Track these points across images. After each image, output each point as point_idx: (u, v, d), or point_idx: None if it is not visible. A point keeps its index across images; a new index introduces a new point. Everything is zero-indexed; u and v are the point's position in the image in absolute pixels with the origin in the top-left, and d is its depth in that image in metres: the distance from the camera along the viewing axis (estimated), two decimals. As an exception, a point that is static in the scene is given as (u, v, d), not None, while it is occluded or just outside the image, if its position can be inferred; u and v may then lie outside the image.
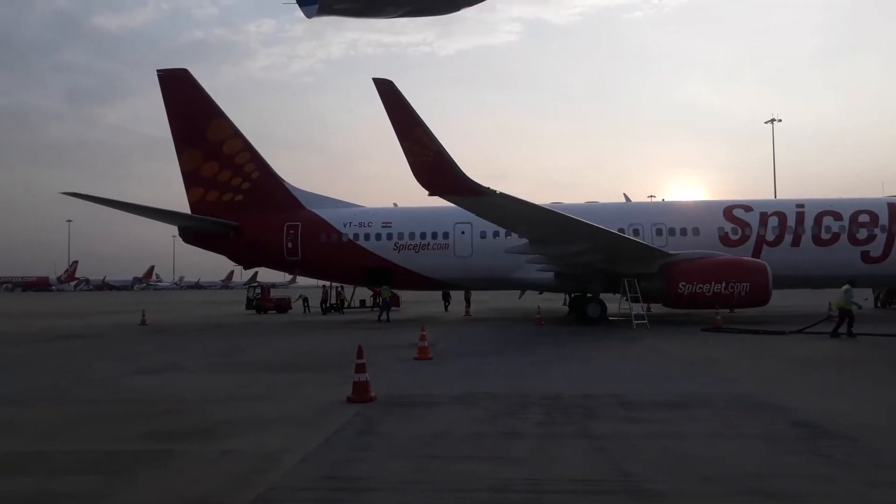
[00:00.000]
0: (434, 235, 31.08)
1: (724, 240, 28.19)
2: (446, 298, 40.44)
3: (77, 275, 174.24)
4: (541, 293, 35.08)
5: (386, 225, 31.89)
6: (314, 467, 6.53)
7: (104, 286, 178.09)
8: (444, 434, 7.83)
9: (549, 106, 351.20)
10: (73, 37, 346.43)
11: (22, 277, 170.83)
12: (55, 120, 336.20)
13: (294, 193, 33.80)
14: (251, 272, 56.81)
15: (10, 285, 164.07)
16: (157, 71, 33.91)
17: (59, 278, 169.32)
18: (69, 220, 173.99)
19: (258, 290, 45.42)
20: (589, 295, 27.43)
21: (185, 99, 33.50)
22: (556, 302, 39.01)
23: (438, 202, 22.70)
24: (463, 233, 30.51)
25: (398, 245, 31.32)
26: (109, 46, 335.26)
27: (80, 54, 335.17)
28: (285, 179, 34.28)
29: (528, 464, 6.53)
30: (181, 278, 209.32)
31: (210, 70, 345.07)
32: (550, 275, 27.89)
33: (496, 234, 29.60)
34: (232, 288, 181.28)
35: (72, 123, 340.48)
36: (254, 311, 42.12)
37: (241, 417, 9.03)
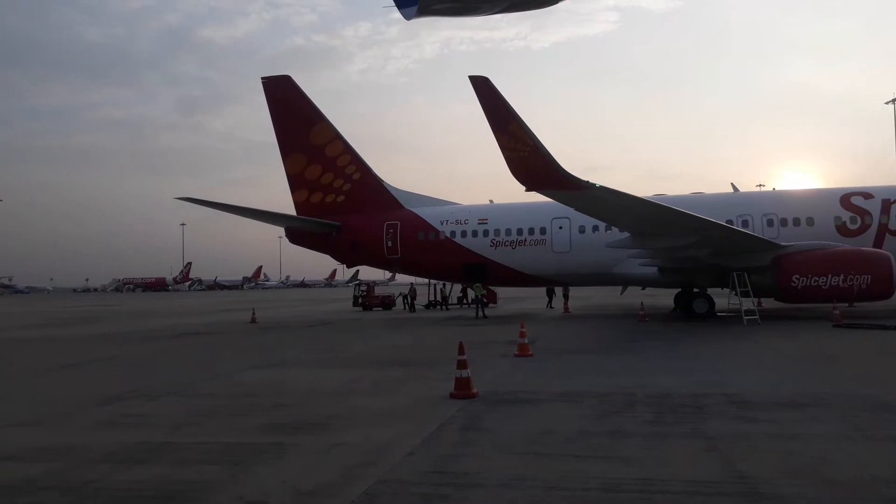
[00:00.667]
0: (531, 231, 30.89)
1: (842, 230, 26.51)
2: (550, 294, 39.74)
3: (191, 276, 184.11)
4: (644, 288, 34.19)
5: (482, 222, 31.97)
6: (421, 461, 6.63)
7: (216, 286, 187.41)
8: (549, 432, 7.76)
9: (648, 95, 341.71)
10: (183, 50, 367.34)
11: (142, 279, 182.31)
12: (168, 129, 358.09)
13: (393, 193, 34.46)
14: (353, 271, 58.38)
15: (132, 286, 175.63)
16: (262, 78, 35.31)
17: (174, 279, 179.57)
18: (183, 224, 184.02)
19: (364, 289, 46.53)
20: (695, 290, 26.51)
21: (288, 104, 34.77)
22: (661, 298, 37.90)
23: (535, 197, 22.55)
24: (561, 228, 30.15)
25: (495, 241, 31.32)
26: (216, 57, 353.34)
27: (189, 66, 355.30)
28: (384, 179, 35.00)
29: (639, 463, 6.38)
30: (287, 277, 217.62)
31: (310, 75, 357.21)
32: (654, 269, 27.11)
33: (595, 228, 29.08)
34: (335, 286, 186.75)
35: (183, 132, 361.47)
36: (360, 309, 43.13)
37: (350, 411, 9.29)
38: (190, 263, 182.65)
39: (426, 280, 42.50)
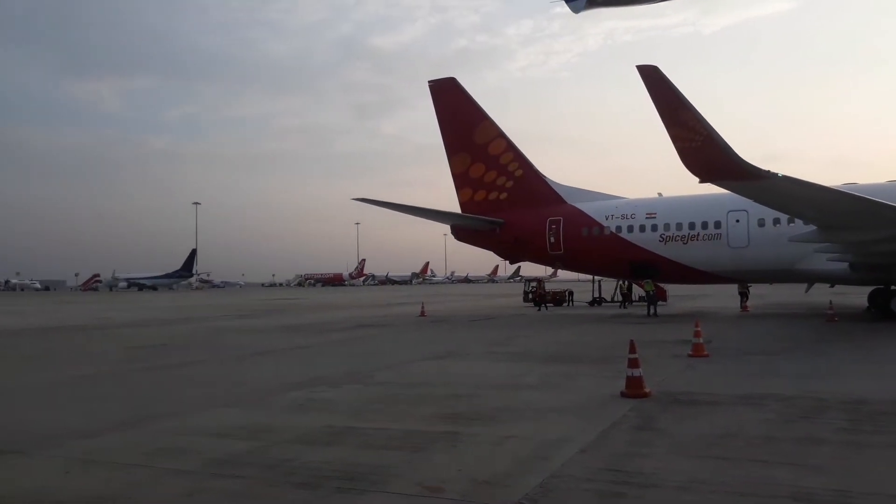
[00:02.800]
0: (704, 225, 29.40)
1: None
2: (744, 293, 33.99)
3: (365, 271, 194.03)
4: (832, 286, 31.41)
5: (650, 216, 30.88)
6: (594, 458, 6.57)
7: (387, 281, 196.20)
8: (731, 435, 7.39)
9: (833, 77, 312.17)
10: (355, 58, 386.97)
11: (321, 274, 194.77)
12: (343, 134, 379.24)
13: (555, 188, 34.22)
14: (515, 267, 58.71)
15: (313, 281, 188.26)
16: (429, 82, 36.45)
17: (350, 275, 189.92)
18: (357, 223, 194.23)
19: (534, 284, 46.46)
20: (893, 287, 23.94)
21: (453, 106, 35.62)
22: (852, 296, 34.58)
23: (708, 190, 21.44)
24: (738, 221, 28.42)
25: (664, 237, 30.14)
26: (386, 63, 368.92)
27: (361, 73, 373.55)
28: (546, 175, 34.85)
29: (833, 473, 5.91)
30: (452, 273, 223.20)
31: (473, 75, 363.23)
32: (844, 265, 24.76)
33: (776, 221, 27.13)
34: (497, 282, 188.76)
35: (357, 136, 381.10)
36: (532, 304, 43.12)
37: (519, 405, 9.40)
38: (364, 260, 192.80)
39: (590, 277, 41.76)
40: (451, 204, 36.59)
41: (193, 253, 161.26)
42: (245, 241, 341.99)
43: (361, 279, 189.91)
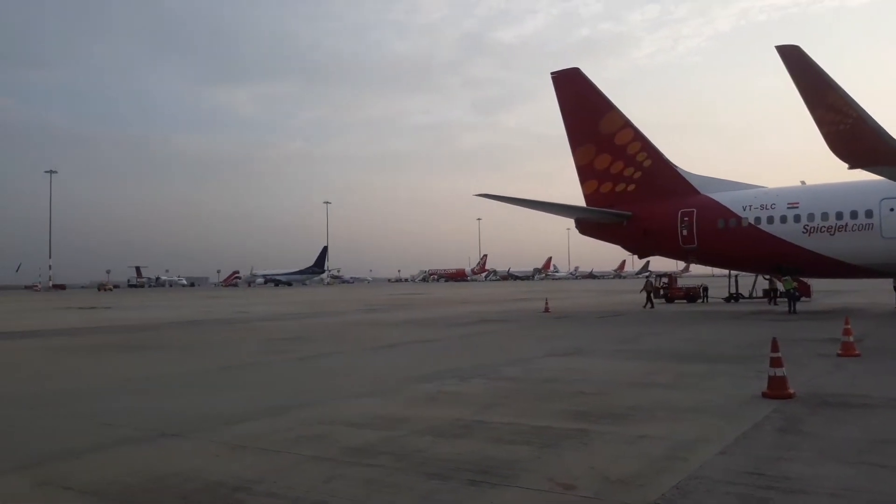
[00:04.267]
0: (853, 214, 27.24)
1: None
2: None
3: (487, 266, 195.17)
4: None
5: (792, 206, 28.98)
6: (735, 461, 6.26)
7: (509, 276, 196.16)
8: (889, 441, 6.82)
9: None
10: (478, 53, 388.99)
11: (444, 270, 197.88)
12: (467, 129, 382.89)
13: (687, 178, 32.87)
14: (643, 261, 56.93)
15: (436, 276, 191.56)
16: (552, 73, 36.06)
17: (472, 270, 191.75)
18: (479, 219, 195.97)
19: (665, 280, 44.97)
20: None
21: (577, 96, 35.03)
22: None
23: (858, 176, 19.86)
24: (892, 210, 26.15)
25: (808, 227, 28.20)
26: (507, 56, 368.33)
27: (484, 68, 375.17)
28: (677, 165, 33.55)
29: None
30: (576, 268, 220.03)
31: (597, 65, 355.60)
32: None
33: (939, 209, 24.71)
34: (624, 277, 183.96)
35: (480, 131, 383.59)
36: (663, 301, 41.80)
37: (652, 404, 9.11)
38: (486, 255, 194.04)
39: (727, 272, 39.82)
40: (575, 197, 36.10)
41: (325, 250, 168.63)
42: (373, 238, 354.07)
43: (483, 275, 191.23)
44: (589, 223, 35.25)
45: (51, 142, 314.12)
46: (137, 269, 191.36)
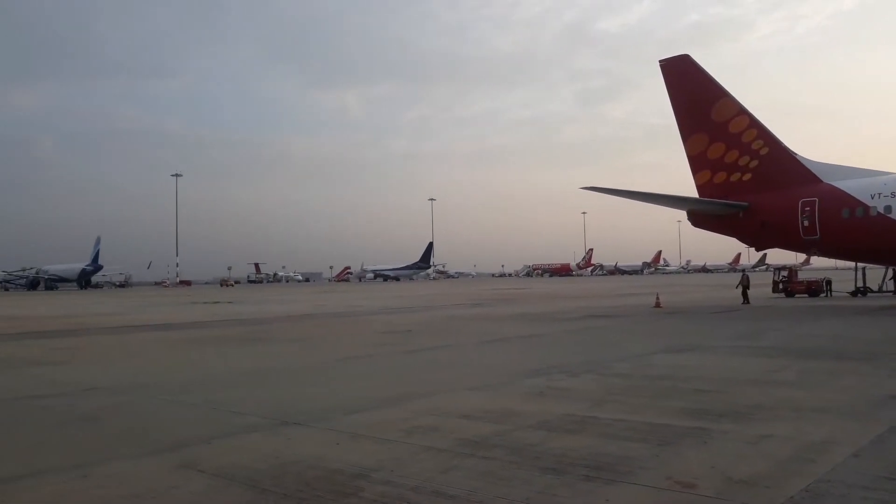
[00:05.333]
0: None
1: None
2: None
3: (592, 261, 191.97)
4: None
5: (930, 192, 26.75)
6: (871, 464, 5.89)
7: (616, 271, 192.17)
8: None
9: None
10: (581, 44, 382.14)
11: (549, 264, 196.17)
12: (570, 122, 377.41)
13: (808, 166, 30.99)
14: (761, 254, 54.20)
15: (541, 271, 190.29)
16: (660, 61, 34.92)
17: (577, 265, 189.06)
18: (584, 212, 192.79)
19: (785, 273, 42.68)
20: None
21: (687, 84, 33.78)
22: None
23: None
24: None
25: (949, 215, 25.95)
26: (612, 46, 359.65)
27: (587, 59, 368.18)
28: (797, 152, 31.71)
29: None
30: (688, 262, 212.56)
31: (708, 51, 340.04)
32: None
33: None
34: (739, 271, 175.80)
35: (584, 123, 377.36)
36: (782, 295, 39.71)
37: (775, 402, 8.69)
38: (591, 249, 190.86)
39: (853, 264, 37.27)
40: (686, 188, 34.85)
41: (430, 246, 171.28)
42: (477, 233, 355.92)
43: (589, 269, 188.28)
44: (702, 215, 33.94)
45: (173, 147, 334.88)
46: (256, 265, 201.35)
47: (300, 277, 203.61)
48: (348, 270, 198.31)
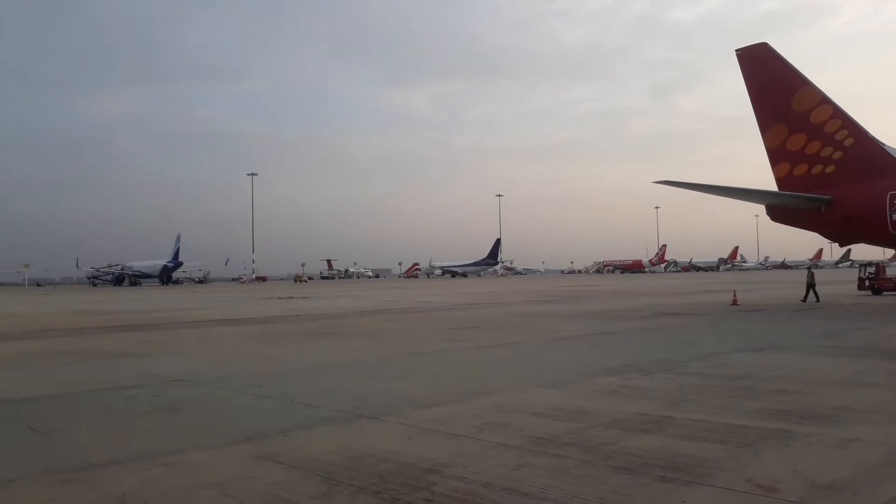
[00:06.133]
0: None
1: None
2: None
3: (666, 257, 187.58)
4: None
5: None
6: (971, 474, 5.55)
7: (690, 267, 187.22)
8: None
9: None
10: (652, 35, 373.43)
11: (620, 261, 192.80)
12: (640, 115, 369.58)
13: (897, 157, 29.41)
14: (844, 250, 51.73)
15: (611, 268, 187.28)
16: (736, 50, 33.79)
17: (650, 261, 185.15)
18: (657, 207, 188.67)
19: (872, 270, 40.59)
20: None
21: (766, 73, 32.57)
22: None
23: None
24: None
25: None
26: (684, 37, 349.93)
27: (658, 50, 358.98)
28: (885, 143, 30.12)
29: None
30: (766, 258, 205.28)
31: (786, 38, 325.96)
32: None
33: None
34: (821, 267, 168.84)
35: (654, 116, 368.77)
36: (868, 293, 37.81)
37: (863, 405, 8.31)
38: (665, 245, 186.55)
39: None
40: (764, 182, 33.63)
41: (498, 242, 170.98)
42: (545, 229, 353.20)
43: (662, 265, 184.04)
44: (782, 209, 32.66)
45: (249, 146, 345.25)
46: (328, 261, 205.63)
47: (370, 274, 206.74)
48: (417, 267, 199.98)
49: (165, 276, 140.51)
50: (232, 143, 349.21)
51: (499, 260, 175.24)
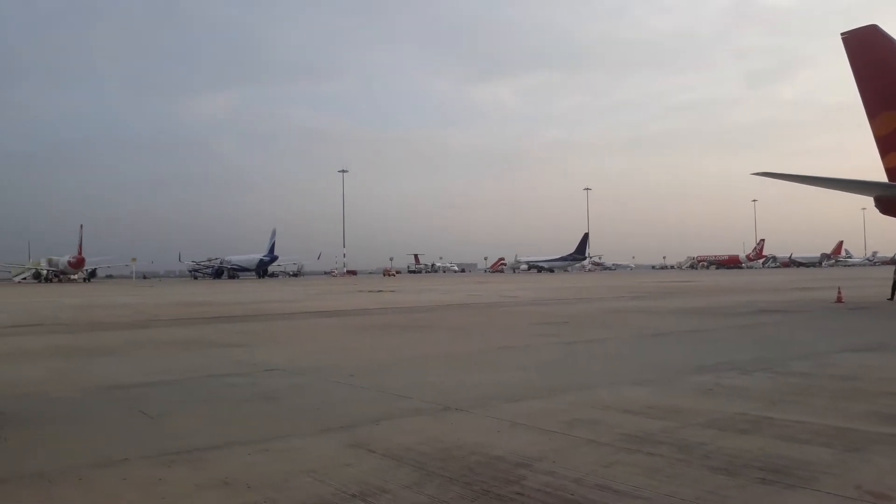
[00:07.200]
0: None
1: None
2: None
3: (764, 252, 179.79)
4: None
5: None
6: None
7: (791, 263, 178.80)
8: None
9: None
10: (747, 22, 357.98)
11: (715, 256, 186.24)
12: (734, 105, 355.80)
13: None
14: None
15: (706, 263, 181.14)
16: (842, 34, 31.95)
17: (748, 256, 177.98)
18: (754, 200, 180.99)
19: None
20: None
21: (876, 57, 30.64)
22: None
23: None
24: None
25: None
26: (782, 22, 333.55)
27: (754, 37, 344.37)
28: None
29: None
30: (874, 253, 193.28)
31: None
32: None
33: None
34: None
35: (750, 105, 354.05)
36: None
37: None
38: (763, 240, 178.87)
39: None
40: (871, 171, 31.68)
41: (586, 237, 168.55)
42: (635, 223, 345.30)
43: (760, 261, 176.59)
44: (892, 201, 30.68)
45: (340, 144, 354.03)
46: (415, 256, 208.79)
47: (456, 268, 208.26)
48: (502, 262, 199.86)
49: (261, 269, 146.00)
50: (323, 141, 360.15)
51: (586, 255, 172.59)
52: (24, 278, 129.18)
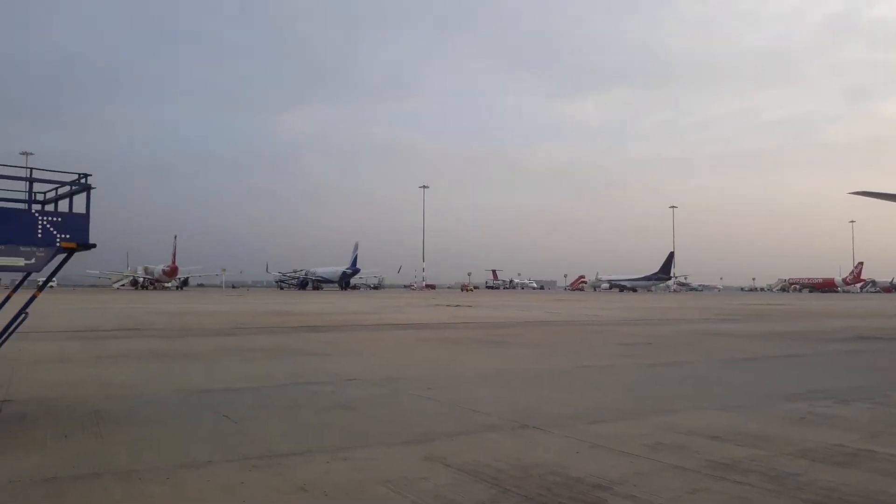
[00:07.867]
0: None
1: None
2: None
3: (862, 276, 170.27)
4: None
5: None
6: None
7: (892, 287, 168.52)
8: None
9: None
10: (847, 36, 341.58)
11: (808, 279, 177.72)
12: (833, 121, 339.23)
13: None
14: None
15: (798, 286, 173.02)
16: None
17: (844, 280, 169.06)
18: (852, 221, 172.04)
19: None
20: None
21: None
22: None
23: None
24: None
25: None
26: (885, 35, 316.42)
27: (854, 51, 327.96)
28: None
29: None
30: None
31: None
32: None
33: None
34: None
35: (850, 122, 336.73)
36: None
37: None
38: (861, 263, 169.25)
39: None
40: None
41: (671, 256, 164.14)
42: (723, 243, 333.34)
43: (858, 285, 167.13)
44: None
45: (420, 160, 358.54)
46: (494, 272, 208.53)
47: (534, 285, 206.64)
48: (583, 279, 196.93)
49: (344, 281, 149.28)
50: (405, 157, 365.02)
51: (672, 275, 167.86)
52: (123, 285, 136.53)
